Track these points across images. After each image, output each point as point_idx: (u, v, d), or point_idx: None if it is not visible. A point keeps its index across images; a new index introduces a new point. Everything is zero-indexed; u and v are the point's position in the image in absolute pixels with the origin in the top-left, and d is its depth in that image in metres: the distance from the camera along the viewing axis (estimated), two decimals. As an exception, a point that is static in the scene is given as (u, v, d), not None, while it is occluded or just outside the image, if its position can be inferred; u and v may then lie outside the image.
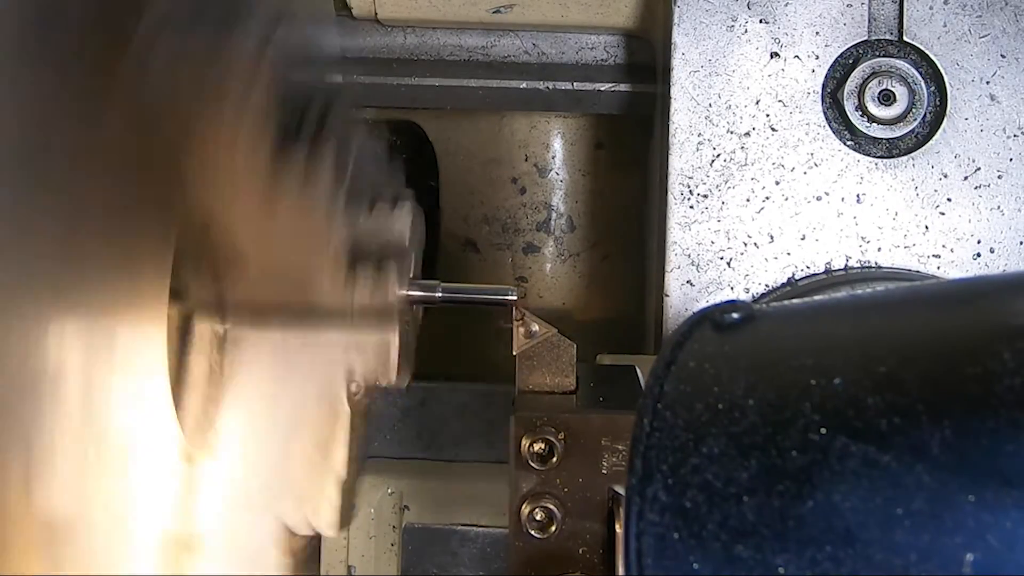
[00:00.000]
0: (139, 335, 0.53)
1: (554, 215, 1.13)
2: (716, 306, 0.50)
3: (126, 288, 0.52)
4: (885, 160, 0.84)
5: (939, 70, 0.84)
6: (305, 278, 0.67)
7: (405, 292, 0.73)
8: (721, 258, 0.85)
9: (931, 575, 0.39)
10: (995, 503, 0.38)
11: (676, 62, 0.85)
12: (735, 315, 0.50)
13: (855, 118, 0.84)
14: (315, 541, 0.99)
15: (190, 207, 0.58)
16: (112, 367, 0.50)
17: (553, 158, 1.13)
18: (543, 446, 0.68)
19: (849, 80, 0.84)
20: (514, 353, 0.73)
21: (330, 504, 0.67)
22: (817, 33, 0.85)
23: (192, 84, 0.56)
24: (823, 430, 0.42)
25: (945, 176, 0.84)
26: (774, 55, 0.85)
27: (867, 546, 0.40)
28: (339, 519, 0.68)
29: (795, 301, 0.55)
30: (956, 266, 0.84)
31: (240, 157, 0.62)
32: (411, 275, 0.75)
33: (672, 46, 0.85)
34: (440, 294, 0.76)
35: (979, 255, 0.83)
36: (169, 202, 0.56)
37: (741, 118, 0.85)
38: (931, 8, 0.84)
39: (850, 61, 0.85)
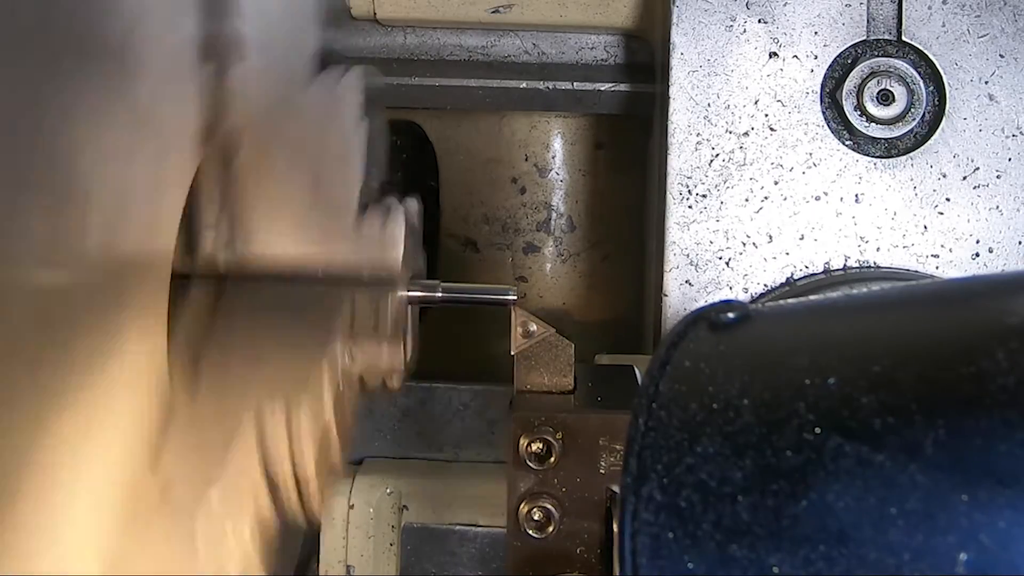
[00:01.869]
0: (144, 292, 0.53)
1: (554, 215, 1.13)
2: (712, 306, 0.51)
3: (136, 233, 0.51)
4: (884, 160, 0.84)
5: (938, 70, 0.84)
6: (315, 223, 0.67)
7: (405, 293, 0.73)
8: (720, 258, 0.85)
9: (924, 574, 0.39)
10: (988, 503, 0.39)
11: (675, 62, 0.85)
12: (730, 315, 0.50)
13: (854, 118, 0.84)
14: (313, 540, 0.99)
15: (218, 134, 0.59)
16: (111, 321, 0.49)
17: (553, 158, 1.13)
18: (541, 446, 0.69)
19: (848, 80, 0.84)
20: (512, 353, 0.73)
21: (317, 454, 0.66)
22: (816, 33, 0.85)
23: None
24: (817, 429, 0.42)
25: (944, 176, 0.84)
26: (773, 55, 0.85)
27: (861, 545, 0.40)
28: (328, 471, 0.67)
29: (791, 301, 0.55)
30: (955, 266, 0.84)
31: (269, 85, 0.62)
32: (411, 275, 0.75)
33: (671, 46, 0.85)
34: (440, 294, 0.76)
35: (978, 255, 0.83)
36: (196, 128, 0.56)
37: (740, 118, 0.85)
38: (930, 8, 0.84)
39: (849, 61, 0.85)
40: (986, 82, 0.83)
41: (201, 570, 0.53)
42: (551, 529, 0.68)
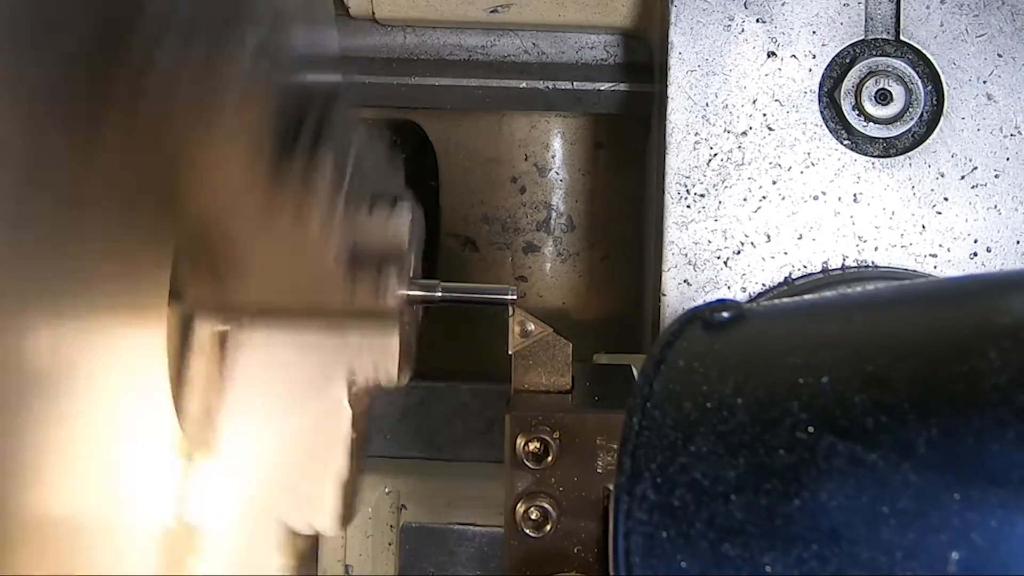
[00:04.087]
0: (139, 336, 0.53)
1: (554, 215, 1.13)
2: (706, 305, 0.51)
3: (125, 289, 0.52)
4: (882, 159, 0.84)
5: (936, 69, 0.84)
6: (305, 281, 0.67)
7: (405, 292, 0.73)
8: (718, 257, 0.85)
9: (916, 573, 0.39)
10: (980, 502, 0.39)
11: (673, 61, 0.85)
12: (725, 314, 0.50)
13: (852, 117, 0.84)
14: (313, 540, 0.99)
15: (189, 211, 0.59)
16: (111, 367, 0.50)
17: (553, 158, 1.13)
18: (538, 445, 0.69)
19: (846, 79, 0.84)
20: (510, 352, 0.73)
21: (330, 504, 0.68)
22: (814, 32, 0.85)
23: (190, 89, 0.56)
24: (810, 429, 0.42)
25: (942, 175, 0.84)
26: (771, 54, 0.85)
27: (853, 544, 0.40)
28: (339, 519, 0.68)
29: (785, 300, 0.55)
30: (953, 265, 0.84)
31: (238, 163, 0.62)
32: (411, 275, 0.75)
33: (669, 45, 0.85)
34: (440, 294, 0.76)
35: (976, 254, 0.83)
36: (168, 206, 0.56)
37: (738, 117, 0.85)
38: (928, 8, 0.84)
39: (847, 60, 0.85)
40: (984, 81, 0.83)
41: None
42: (548, 528, 0.68)
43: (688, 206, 0.85)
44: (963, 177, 0.83)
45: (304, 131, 0.69)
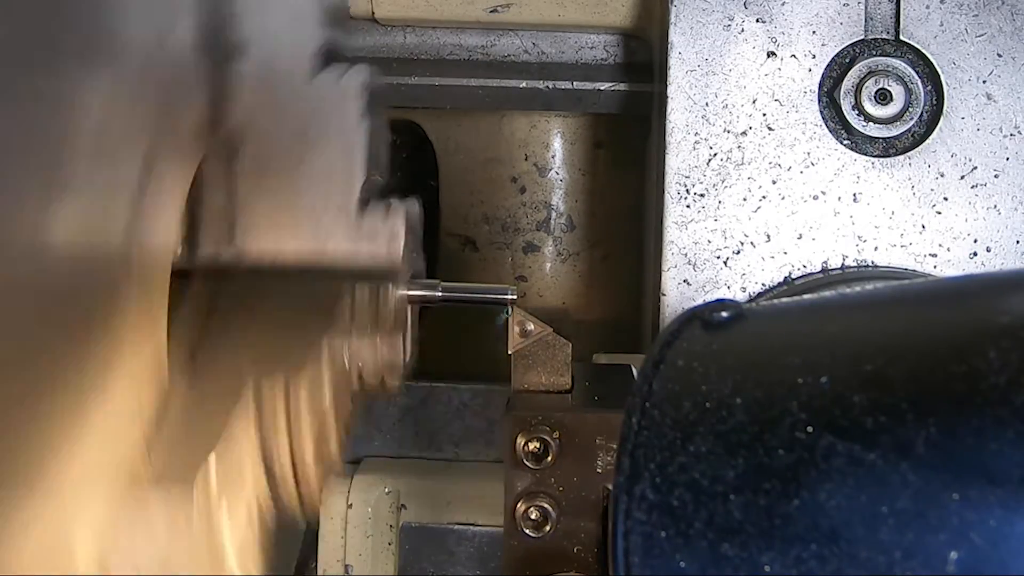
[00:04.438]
0: (145, 288, 0.53)
1: (554, 215, 1.13)
2: (705, 305, 0.51)
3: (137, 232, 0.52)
4: (882, 159, 0.84)
5: (936, 69, 0.84)
6: (317, 217, 0.67)
7: (405, 292, 0.73)
8: (718, 257, 0.85)
9: (915, 573, 0.39)
10: (979, 501, 0.39)
11: (673, 61, 0.85)
12: (724, 314, 0.50)
13: (852, 117, 0.84)
14: (312, 540, 0.99)
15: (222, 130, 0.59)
16: (113, 323, 0.50)
17: (553, 157, 1.13)
18: (538, 445, 0.69)
19: (846, 79, 0.84)
20: (509, 352, 0.73)
21: (316, 451, 0.66)
22: (814, 32, 0.85)
23: None
24: (809, 428, 0.42)
25: (942, 175, 0.84)
26: (771, 54, 0.85)
27: (852, 544, 0.40)
28: (325, 465, 0.67)
29: (784, 300, 0.55)
30: (953, 265, 0.84)
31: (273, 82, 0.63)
32: (409, 274, 0.75)
33: (669, 45, 0.85)
34: (440, 293, 0.76)
35: (976, 254, 0.83)
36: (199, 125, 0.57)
37: (738, 117, 0.85)
38: (928, 7, 0.84)
39: (847, 60, 0.85)
40: (984, 81, 0.83)
41: (195, 547, 0.53)
42: (548, 528, 0.68)
43: (688, 206, 0.85)
44: (963, 177, 0.83)
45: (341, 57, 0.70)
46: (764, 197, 0.84)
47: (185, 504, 0.51)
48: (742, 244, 0.84)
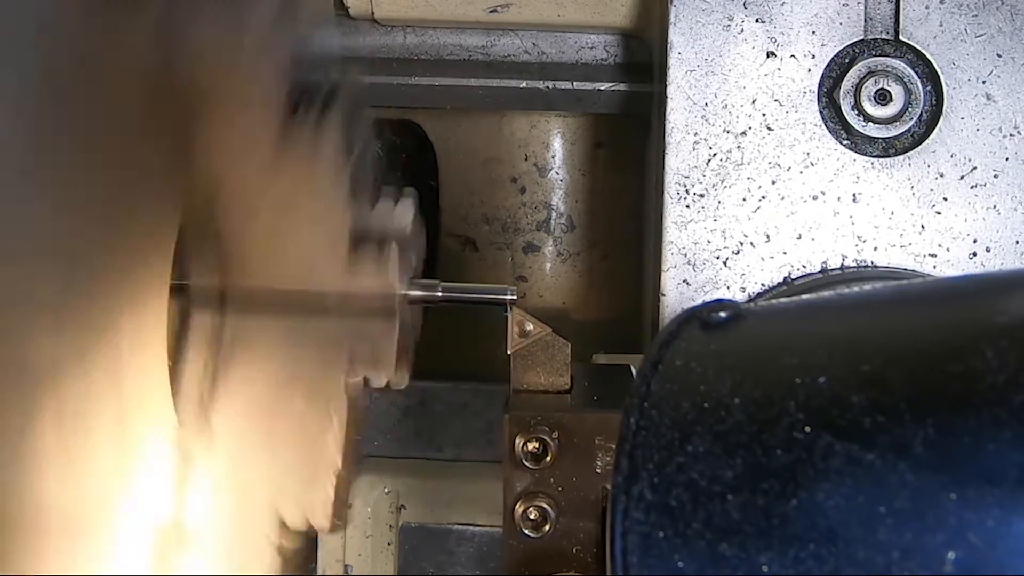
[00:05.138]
0: (139, 326, 0.53)
1: (554, 215, 1.13)
2: (704, 305, 0.51)
3: (127, 277, 0.52)
4: (881, 159, 0.84)
5: (935, 69, 0.84)
6: (308, 262, 0.67)
7: (405, 291, 0.73)
8: (717, 257, 0.85)
9: (913, 573, 0.39)
10: (977, 501, 0.39)
11: (672, 61, 0.85)
12: (722, 314, 0.50)
13: (851, 117, 0.84)
14: (312, 540, 0.99)
15: (196, 177, 0.58)
16: (110, 358, 0.50)
17: (553, 158, 1.13)
18: (537, 445, 0.69)
19: (845, 79, 0.84)
20: (508, 352, 0.73)
21: (325, 500, 0.67)
22: (813, 32, 0.85)
23: (207, 50, 0.56)
24: (807, 428, 0.42)
25: (941, 175, 0.84)
26: (770, 54, 0.85)
27: (850, 544, 0.40)
28: (334, 515, 0.68)
29: (783, 300, 0.55)
30: (952, 265, 0.84)
31: (248, 128, 0.62)
32: (412, 274, 0.75)
33: (668, 45, 0.85)
34: (440, 294, 0.76)
35: (975, 254, 0.83)
36: (175, 170, 0.56)
37: (737, 117, 0.85)
38: (927, 7, 0.84)
39: (846, 60, 0.85)
40: (984, 81, 0.83)
41: None
42: (547, 528, 0.68)
43: (687, 206, 0.85)
44: (962, 177, 0.83)
45: (313, 107, 0.69)
46: (764, 197, 0.84)
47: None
48: (741, 244, 0.84)
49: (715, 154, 0.85)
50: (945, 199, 0.84)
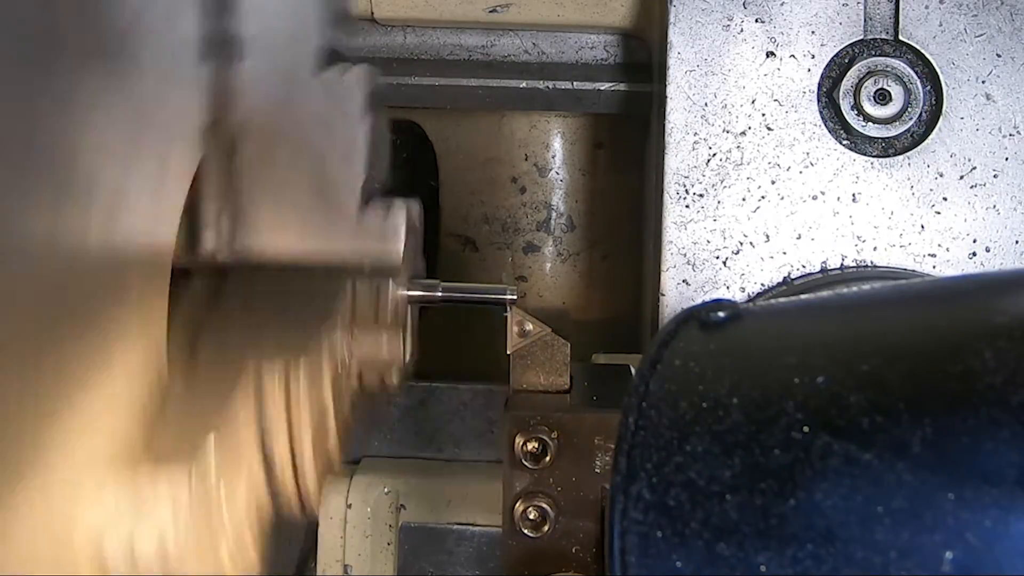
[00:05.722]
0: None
1: (554, 215, 1.13)
2: (702, 305, 0.51)
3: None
4: (881, 159, 0.84)
5: (935, 69, 0.84)
6: (318, 212, 0.68)
7: (405, 292, 0.73)
8: (717, 257, 0.85)
9: (910, 573, 0.39)
10: (974, 501, 0.39)
11: (672, 61, 0.85)
12: (721, 314, 0.50)
13: (851, 117, 0.84)
14: (312, 540, 0.99)
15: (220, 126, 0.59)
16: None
17: (553, 158, 1.13)
18: (536, 445, 0.69)
19: (845, 79, 0.84)
20: (508, 352, 0.73)
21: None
22: (813, 32, 0.85)
23: None
24: (806, 428, 0.43)
25: (941, 175, 0.84)
26: (770, 54, 0.85)
27: (848, 544, 0.40)
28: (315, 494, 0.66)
29: (781, 300, 0.55)
30: (952, 265, 0.84)
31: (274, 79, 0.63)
32: (410, 274, 0.75)
33: (668, 45, 0.85)
34: (440, 294, 0.76)
35: (975, 254, 0.83)
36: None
37: (737, 117, 0.85)
38: (927, 7, 0.84)
39: (846, 60, 0.85)
40: (983, 81, 0.83)
41: (193, 526, 0.53)
42: (547, 528, 0.68)
43: (687, 206, 0.85)
44: (962, 177, 0.83)
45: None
46: (763, 197, 0.84)
47: (183, 483, 0.51)
48: (741, 244, 0.84)
49: (715, 154, 0.85)
50: (945, 199, 0.84)
